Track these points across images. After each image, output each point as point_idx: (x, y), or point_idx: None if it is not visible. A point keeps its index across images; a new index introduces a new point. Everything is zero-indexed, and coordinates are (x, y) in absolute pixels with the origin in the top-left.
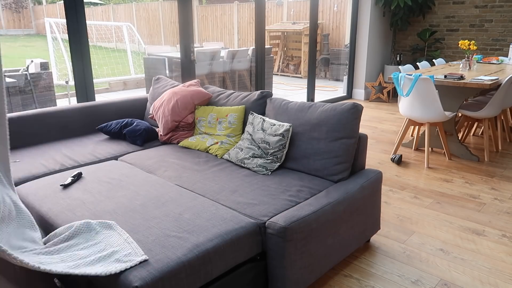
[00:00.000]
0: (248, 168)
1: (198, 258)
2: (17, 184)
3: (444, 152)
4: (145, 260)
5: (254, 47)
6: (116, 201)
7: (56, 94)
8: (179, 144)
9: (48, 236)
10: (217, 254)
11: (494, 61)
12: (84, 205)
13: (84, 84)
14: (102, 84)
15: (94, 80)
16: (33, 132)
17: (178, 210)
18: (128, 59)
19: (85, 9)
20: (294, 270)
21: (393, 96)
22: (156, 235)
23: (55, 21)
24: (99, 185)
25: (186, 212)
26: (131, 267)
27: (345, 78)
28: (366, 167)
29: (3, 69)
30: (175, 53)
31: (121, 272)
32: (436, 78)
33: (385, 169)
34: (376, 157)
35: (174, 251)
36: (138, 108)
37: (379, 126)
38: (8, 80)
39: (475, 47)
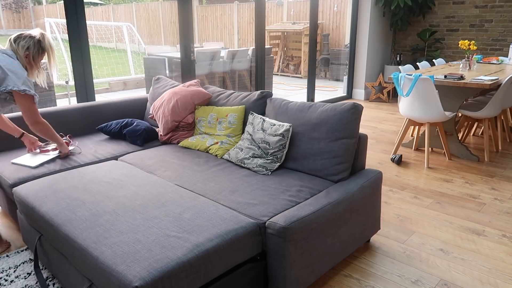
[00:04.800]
0: (248, 168)
1: (198, 258)
2: (17, 184)
3: (444, 152)
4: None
5: (254, 47)
6: (116, 201)
7: (56, 94)
8: (179, 144)
9: None
10: (217, 254)
11: (494, 61)
12: (84, 205)
13: (84, 84)
14: (102, 84)
15: (94, 80)
16: (33, 132)
17: (178, 210)
18: (128, 59)
19: (85, 9)
20: (294, 270)
21: (393, 96)
22: (156, 235)
23: (55, 21)
24: (99, 185)
25: (186, 212)
26: None
27: (345, 78)
28: (366, 167)
29: None
30: (175, 53)
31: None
32: (436, 78)
33: (385, 169)
34: (376, 157)
35: (174, 251)
36: (138, 108)
37: (379, 126)
38: None
39: (475, 47)
